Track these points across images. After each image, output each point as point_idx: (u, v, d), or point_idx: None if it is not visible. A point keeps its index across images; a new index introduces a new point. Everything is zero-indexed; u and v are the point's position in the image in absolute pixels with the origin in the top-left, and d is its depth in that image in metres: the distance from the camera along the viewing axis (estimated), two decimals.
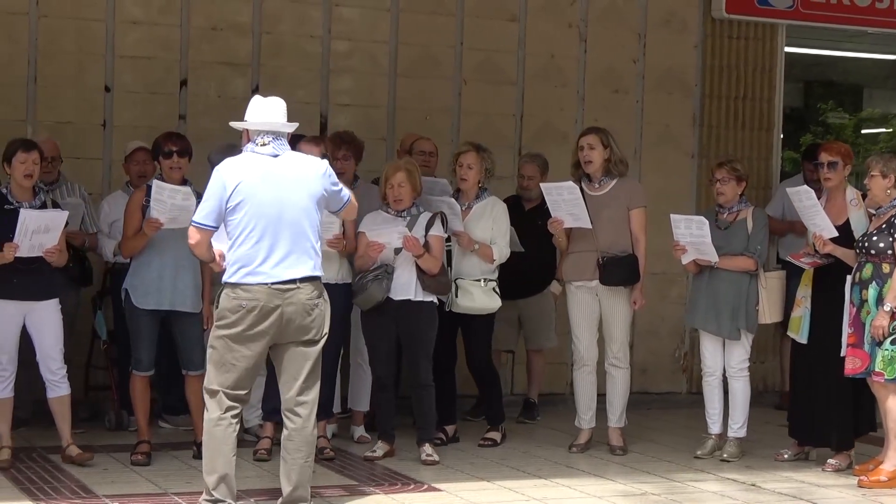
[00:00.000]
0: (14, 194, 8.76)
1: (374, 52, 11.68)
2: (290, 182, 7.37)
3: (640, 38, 12.45)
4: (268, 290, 7.25)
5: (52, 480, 8.36)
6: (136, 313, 8.96)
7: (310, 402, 7.46)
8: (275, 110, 7.51)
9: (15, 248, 8.52)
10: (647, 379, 12.23)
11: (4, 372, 8.75)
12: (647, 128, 12.39)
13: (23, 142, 8.85)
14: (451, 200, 9.65)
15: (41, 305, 8.77)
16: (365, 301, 9.25)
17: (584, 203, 9.55)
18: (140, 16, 10.99)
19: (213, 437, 7.32)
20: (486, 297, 9.68)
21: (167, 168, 8.91)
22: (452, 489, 8.49)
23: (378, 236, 9.18)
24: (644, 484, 8.84)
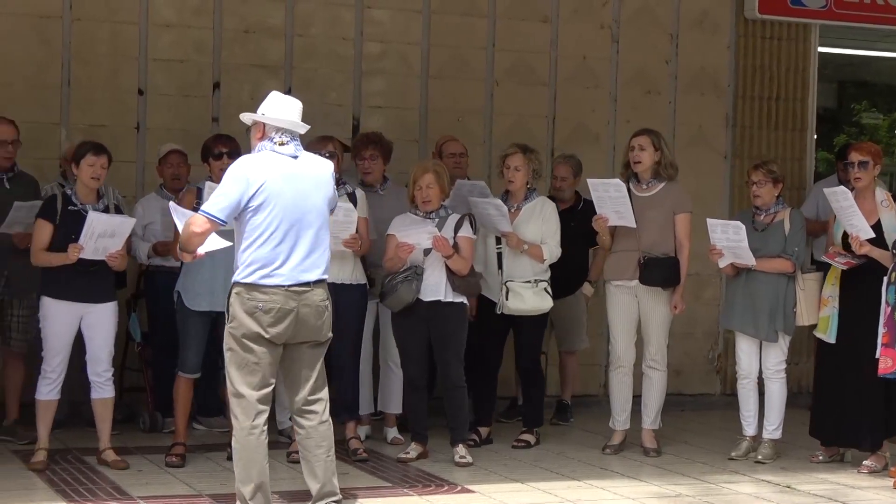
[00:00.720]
0: (79, 195, 8.80)
1: (406, 54, 11.69)
2: (309, 184, 7.35)
3: (672, 38, 12.42)
4: (284, 292, 7.22)
5: (87, 482, 8.39)
6: (187, 315, 8.97)
7: (324, 399, 7.45)
8: (294, 109, 7.48)
9: (79, 250, 8.56)
10: (681, 380, 12.18)
11: (53, 374, 8.78)
12: (680, 129, 12.36)
13: (93, 144, 8.86)
14: (497, 202, 9.65)
15: (98, 308, 8.81)
16: (395, 302, 9.25)
17: (629, 202, 9.53)
18: (173, 18, 11.03)
19: (246, 448, 7.25)
20: (537, 297, 9.68)
21: (217, 170, 8.89)
22: (486, 490, 8.48)
23: (407, 237, 9.18)
24: (678, 486, 8.81)
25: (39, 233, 8.73)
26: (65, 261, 8.60)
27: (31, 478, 8.51)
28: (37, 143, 10.28)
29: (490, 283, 9.74)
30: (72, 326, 8.78)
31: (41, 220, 8.75)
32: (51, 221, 8.72)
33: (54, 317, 8.73)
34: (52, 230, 8.70)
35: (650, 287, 9.65)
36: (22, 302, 9.53)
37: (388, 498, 8.23)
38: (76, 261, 8.59)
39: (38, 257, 8.74)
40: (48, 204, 8.85)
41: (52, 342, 8.75)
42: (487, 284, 9.75)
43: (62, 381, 8.84)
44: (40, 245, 8.72)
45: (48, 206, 8.82)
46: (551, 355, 11.32)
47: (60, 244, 8.65)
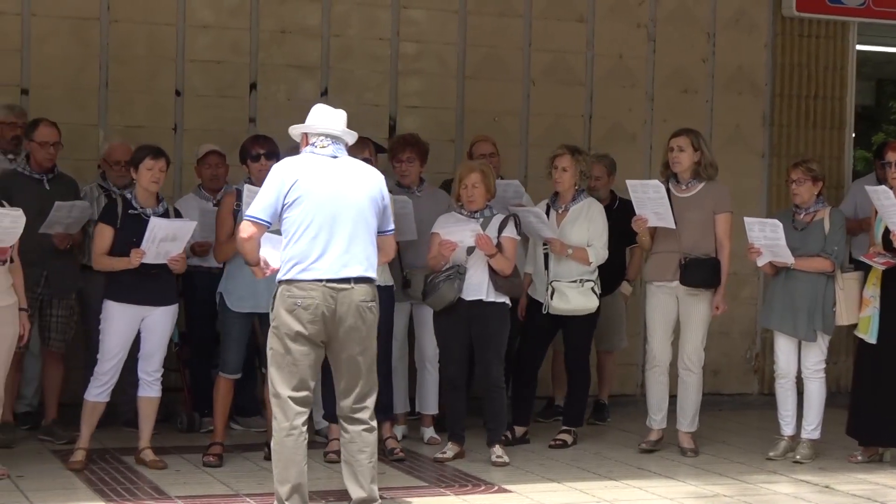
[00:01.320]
0: (139, 200, 8.84)
1: (442, 54, 11.69)
2: (348, 182, 7.36)
3: (709, 37, 12.38)
4: (322, 287, 7.21)
5: (126, 482, 8.42)
6: (230, 316, 8.99)
7: (370, 406, 7.44)
8: (336, 118, 7.51)
9: (142, 255, 8.61)
10: (719, 380, 12.15)
11: (105, 376, 8.81)
12: (717, 128, 12.31)
13: (151, 149, 8.89)
14: (536, 210, 9.67)
15: (159, 310, 8.86)
16: (437, 301, 9.26)
17: (668, 202, 9.51)
18: (210, 20, 11.06)
19: (285, 448, 7.26)
20: (583, 297, 9.67)
21: (255, 171, 8.91)
22: (523, 490, 8.48)
23: (450, 235, 9.19)
24: (716, 486, 8.79)
25: (101, 237, 8.78)
26: (127, 266, 8.65)
27: (69, 477, 8.55)
28: (75, 145, 10.33)
29: (537, 283, 9.73)
30: (132, 330, 8.82)
31: (102, 225, 8.81)
32: (112, 226, 8.77)
33: (116, 320, 8.77)
34: (113, 234, 8.74)
35: (691, 288, 9.62)
36: (61, 302, 9.57)
37: (425, 497, 8.23)
38: (138, 265, 8.64)
39: (100, 262, 8.79)
40: (109, 208, 8.91)
41: (109, 345, 8.78)
42: (534, 285, 9.75)
43: (113, 386, 8.87)
44: (102, 249, 8.76)
45: (109, 210, 8.88)
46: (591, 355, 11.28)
47: (121, 248, 8.70)
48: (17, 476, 8.42)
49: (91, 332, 9.59)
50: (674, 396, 9.90)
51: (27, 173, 9.53)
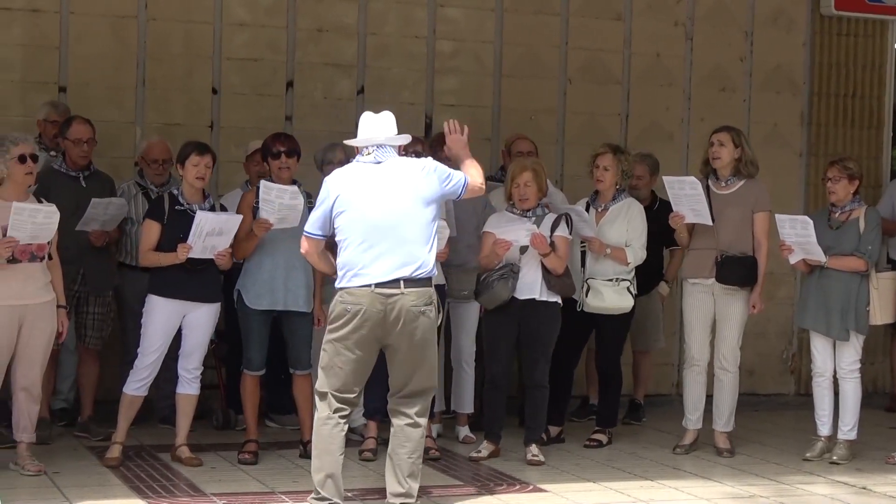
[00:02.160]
0: (185, 195, 8.86)
1: (478, 53, 11.68)
2: (392, 186, 7.41)
3: (747, 35, 12.33)
4: (371, 293, 7.29)
5: (161, 479, 8.45)
6: (248, 314, 9.01)
7: (418, 404, 7.49)
8: (380, 124, 7.56)
9: (188, 249, 8.63)
10: (755, 380, 12.11)
11: (145, 371, 8.83)
12: (755, 127, 12.26)
13: (196, 144, 8.92)
14: (578, 209, 9.65)
15: (203, 307, 8.88)
16: (490, 300, 9.26)
17: (705, 199, 9.48)
18: (247, 18, 11.09)
19: (321, 436, 7.38)
20: (618, 296, 9.64)
21: (276, 168, 8.96)
22: (558, 490, 8.47)
23: (505, 234, 9.18)
24: (752, 486, 8.75)
25: (148, 233, 8.81)
26: (174, 261, 8.68)
27: (105, 474, 8.58)
28: (113, 143, 10.38)
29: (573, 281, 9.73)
30: (173, 325, 8.84)
31: (149, 221, 8.84)
32: (159, 221, 8.80)
33: (158, 314, 8.79)
34: (161, 230, 8.77)
35: (727, 286, 9.59)
36: (98, 299, 9.60)
37: (460, 496, 8.23)
38: (185, 260, 8.66)
39: (147, 257, 8.82)
40: (156, 204, 8.94)
41: (151, 339, 8.80)
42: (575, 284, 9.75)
43: (151, 381, 8.90)
44: (149, 245, 8.79)
45: (156, 206, 8.91)
46: (625, 354, 11.25)
47: (168, 244, 8.72)
48: (53, 472, 8.45)
49: (127, 329, 9.63)
50: (710, 396, 9.86)
51: (63, 171, 9.57)
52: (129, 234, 9.80)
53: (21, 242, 8.14)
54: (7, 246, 8.09)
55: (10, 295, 8.25)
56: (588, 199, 9.85)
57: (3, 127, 9.51)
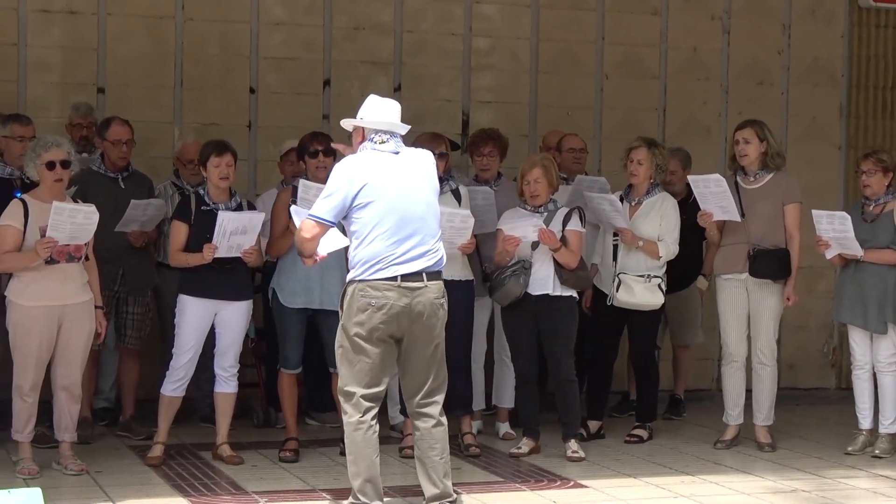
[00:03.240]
0: (211, 196, 8.89)
1: (515, 49, 11.68)
2: (413, 178, 7.36)
3: (784, 28, 12.29)
4: (397, 287, 7.22)
5: (203, 477, 8.48)
6: (284, 312, 9.03)
7: (439, 402, 7.44)
8: (392, 110, 7.50)
9: (214, 249, 8.66)
10: (796, 374, 12.06)
11: (181, 371, 8.86)
12: (793, 120, 12.23)
13: (215, 145, 8.92)
14: (612, 197, 9.62)
15: (234, 305, 8.90)
16: (503, 297, 9.24)
17: (731, 195, 9.45)
18: (283, 17, 11.12)
19: (355, 442, 7.28)
20: (648, 293, 9.62)
21: (313, 167, 8.97)
22: (599, 486, 8.46)
23: (514, 230, 9.17)
24: (794, 481, 8.72)
25: (176, 234, 8.85)
26: (201, 261, 8.70)
27: (147, 473, 8.62)
28: (151, 143, 10.43)
29: (603, 274, 9.70)
30: (206, 324, 8.87)
31: (176, 222, 8.87)
32: (186, 222, 8.83)
33: (190, 314, 8.82)
34: (188, 230, 8.81)
35: (761, 280, 9.55)
36: (137, 299, 9.65)
37: (501, 493, 8.23)
38: (212, 260, 8.70)
39: (176, 258, 8.86)
40: (182, 205, 8.97)
41: (184, 338, 8.84)
42: (600, 276, 9.73)
43: (188, 381, 8.93)
44: (177, 246, 8.83)
45: (182, 207, 8.95)
46: (664, 349, 11.25)
47: (196, 244, 8.75)
48: (95, 471, 8.50)
49: (167, 328, 9.67)
50: (750, 391, 9.82)
51: (102, 172, 9.62)
52: (167, 234, 9.84)
53: (60, 243, 8.19)
54: (46, 246, 8.14)
55: (49, 295, 8.30)
56: (621, 193, 9.83)
57: (43, 128, 9.56)
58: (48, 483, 7.96)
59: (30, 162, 8.39)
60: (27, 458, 8.42)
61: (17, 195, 8.55)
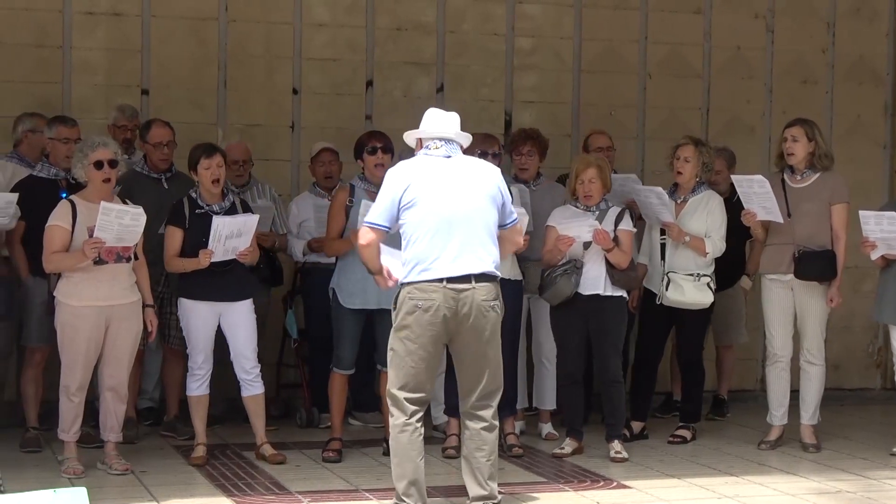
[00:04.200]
0: (203, 198, 8.92)
1: (557, 49, 11.67)
2: (462, 181, 7.36)
3: (829, 27, 12.22)
4: (443, 289, 7.21)
5: (247, 477, 8.51)
6: (341, 312, 9.02)
7: (492, 406, 7.43)
8: (448, 121, 7.51)
9: (210, 255, 8.69)
10: (841, 375, 12.01)
11: (200, 371, 8.92)
12: (838, 119, 12.17)
13: (204, 148, 8.96)
14: (659, 190, 9.59)
15: (235, 306, 8.92)
16: (554, 296, 9.23)
17: (774, 196, 9.41)
18: (326, 18, 11.14)
19: (400, 444, 7.30)
20: (698, 292, 9.59)
21: (371, 164, 8.94)
22: (642, 486, 8.44)
23: (567, 230, 9.15)
24: (839, 482, 8.67)
25: (171, 239, 8.85)
26: (197, 266, 8.73)
27: (191, 472, 8.66)
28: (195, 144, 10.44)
29: (652, 273, 9.68)
30: (211, 324, 8.90)
31: (171, 227, 8.87)
32: (181, 227, 8.84)
33: (193, 316, 8.86)
34: (183, 235, 8.83)
35: (806, 281, 9.51)
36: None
37: (544, 493, 8.22)
38: (208, 265, 8.73)
39: (172, 264, 8.88)
40: (176, 210, 8.95)
41: (193, 340, 8.89)
42: (649, 275, 9.71)
43: (209, 377, 8.96)
44: (173, 252, 8.84)
45: (176, 212, 8.93)
46: (708, 349, 11.19)
47: (191, 249, 8.77)
48: (140, 471, 8.54)
49: None
50: (794, 391, 9.78)
51: (145, 173, 9.67)
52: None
53: (107, 244, 8.22)
54: (93, 246, 8.18)
55: (98, 296, 8.34)
56: (666, 192, 9.80)
57: (88, 129, 9.61)
58: (93, 483, 8.00)
59: (77, 163, 8.43)
60: (73, 458, 8.47)
61: (63, 196, 8.61)
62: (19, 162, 9.37)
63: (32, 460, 8.83)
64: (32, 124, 9.54)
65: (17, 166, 9.30)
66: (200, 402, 8.97)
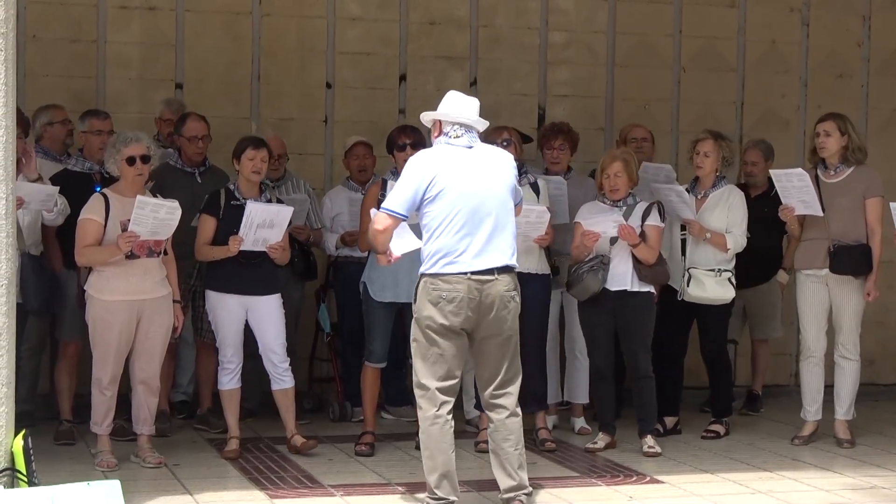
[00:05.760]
0: (241, 190, 8.92)
1: (591, 43, 11.65)
2: (486, 173, 7.36)
3: (864, 20, 12.16)
4: (467, 280, 7.23)
5: (279, 470, 8.52)
6: (372, 306, 9.03)
7: (513, 393, 7.43)
8: (469, 106, 7.50)
9: (240, 241, 8.70)
10: (875, 370, 11.95)
11: (230, 364, 8.94)
12: (873, 113, 12.11)
13: (252, 139, 9.01)
14: (679, 188, 9.57)
15: (262, 301, 8.92)
16: (581, 292, 9.21)
17: (814, 190, 9.37)
18: (359, 12, 11.15)
19: (431, 437, 7.30)
20: (719, 287, 9.56)
21: (402, 161, 8.88)
22: (675, 481, 8.41)
23: (593, 225, 9.14)
24: (873, 477, 8.64)
25: (203, 228, 8.87)
26: (226, 254, 8.73)
27: (224, 466, 8.68)
28: (229, 138, 10.45)
29: (672, 269, 9.65)
30: (239, 317, 8.90)
31: (205, 216, 8.90)
32: (214, 216, 8.86)
33: (220, 309, 8.88)
34: (216, 225, 8.84)
35: (841, 275, 9.46)
36: None
37: (576, 488, 8.21)
38: (238, 253, 8.73)
39: (202, 252, 8.90)
40: (212, 199, 8.97)
41: (222, 333, 8.91)
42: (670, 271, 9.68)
43: (240, 371, 8.98)
44: (204, 240, 8.86)
45: (212, 201, 8.95)
46: (743, 344, 11.17)
47: (223, 239, 8.77)
48: (173, 464, 8.57)
49: None
50: (829, 386, 9.74)
51: (179, 167, 9.70)
52: None
53: (141, 238, 8.25)
54: (128, 240, 8.20)
55: (129, 290, 8.37)
56: (687, 187, 9.77)
57: (122, 123, 9.66)
58: (126, 476, 8.02)
59: (110, 157, 8.46)
60: (106, 451, 8.51)
61: (97, 189, 8.64)
62: (45, 156, 9.40)
63: (66, 453, 8.86)
64: (49, 117, 9.58)
65: (43, 160, 9.33)
66: (232, 396, 8.99)
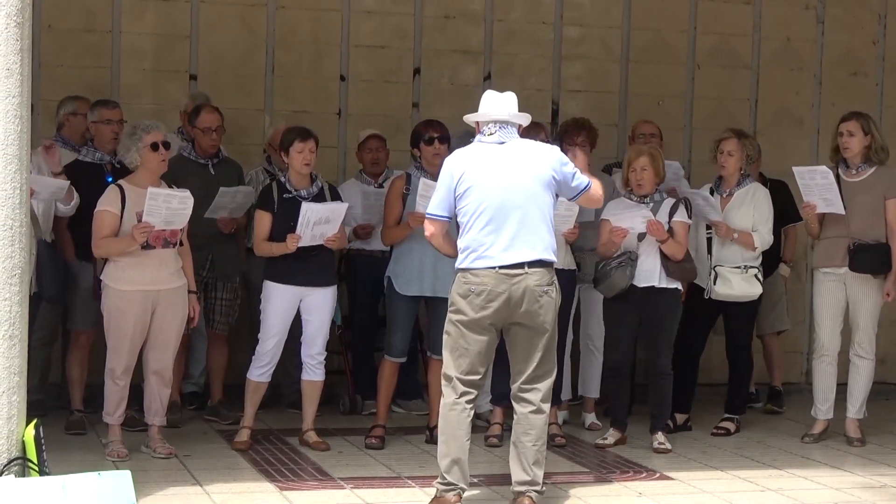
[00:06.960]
0: (292, 182, 8.92)
1: (605, 38, 11.64)
2: (515, 167, 7.37)
3: (880, 18, 12.13)
4: (495, 274, 7.26)
5: (290, 462, 8.53)
6: (397, 300, 9.03)
7: (541, 389, 7.44)
8: (503, 102, 7.51)
9: (297, 240, 8.71)
10: (887, 369, 11.91)
11: (266, 356, 8.92)
12: (888, 111, 12.07)
13: (299, 130, 8.95)
14: (704, 193, 9.58)
15: (318, 291, 8.93)
16: (608, 288, 9.20)
17: (836, 188, 9.35)
18: (374, 5, 11.15)
19: (448, 422, 7.36)
20: (746, 284, 9.57)
21: (429, 155, 8.93)
22: (685, 478, 8.41)
23: (621, 221, 9.13)
24: (883, 476, 8.62)
25: (260, 223, 8.88)
26: (285, 251, 8.74)
27: (235, 457, 8.69)
28: (242, 130, 10.51)
29: (699, 268, 9.63)
30: (291, 309, 8.92)
31: (260, 211, 8.91)
32: (269, 211, 8.87)
33: (276, 300, 8.88)
34: (271, 219, 8.86)
35: (860, 274, 9.45)
36: (226, 285, 9.72)
37: (586, 483, 8.21)
38: (295, 250, 8.75)
39: (261, 248, 8.91)
40: (265, 194, 9.00)
41: (270, 324, 8.90)
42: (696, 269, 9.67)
43: (274, 366, 8.99)
44: (262, 236, 8.87)
45: (265, 196, 8.97)
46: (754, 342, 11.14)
47: (279, 232, 8.78)
48: (184, 455, 8.58)
49: (255, 314, 9.72)
50: (841, 385, 9.72)
51: (193, 158, 9.69)
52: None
53: (155, 228, 8.26)
54: (142, 231, 8.21)
55: (144, 280, 8.38)
56: (711, 185, 9.76)
57: (136, 114, 9.65)
58: (137, 466, 8.04)
59: (130, 147, 8.42)
60: (117, 441, 8.52)
61: (109, 180, 8.65)
62: (63, 145, 9.41)
63: (77, 443, 8.87)
64: (74, 107, 9.59)
65: (62, 149, 9.33)
66: (259, 389, 8.99)
